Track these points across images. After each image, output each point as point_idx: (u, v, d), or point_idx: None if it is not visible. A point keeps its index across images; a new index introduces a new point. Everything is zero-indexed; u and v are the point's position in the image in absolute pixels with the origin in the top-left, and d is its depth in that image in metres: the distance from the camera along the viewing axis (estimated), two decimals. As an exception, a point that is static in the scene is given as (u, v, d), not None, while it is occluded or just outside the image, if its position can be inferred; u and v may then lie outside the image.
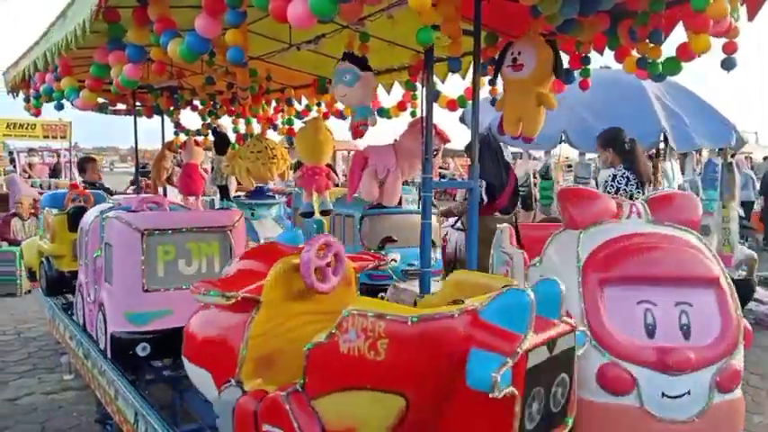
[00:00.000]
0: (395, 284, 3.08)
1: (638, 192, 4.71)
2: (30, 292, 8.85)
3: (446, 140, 3.45)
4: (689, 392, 2.24)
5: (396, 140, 3.21)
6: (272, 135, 6.08)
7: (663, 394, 2.23)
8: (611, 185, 4.83)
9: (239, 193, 5.77)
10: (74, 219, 4.69)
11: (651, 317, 2.29)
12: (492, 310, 1.79)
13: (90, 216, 4.10)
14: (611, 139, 4.99)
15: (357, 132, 2.99)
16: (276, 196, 5.76)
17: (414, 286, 2.82)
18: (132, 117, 6.17)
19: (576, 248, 2.39)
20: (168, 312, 3.26)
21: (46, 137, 15.46)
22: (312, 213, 3.57)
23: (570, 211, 2.50)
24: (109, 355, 3.56)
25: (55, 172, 15.83)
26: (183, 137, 6.38)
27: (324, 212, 3.58)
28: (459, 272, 2.59)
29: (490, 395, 1.62)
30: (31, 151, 16.36)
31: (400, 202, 3.85)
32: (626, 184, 4.75)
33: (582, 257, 2.36)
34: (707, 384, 2.27)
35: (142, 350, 3.35)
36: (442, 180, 4.61)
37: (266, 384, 2.18)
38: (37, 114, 4.61)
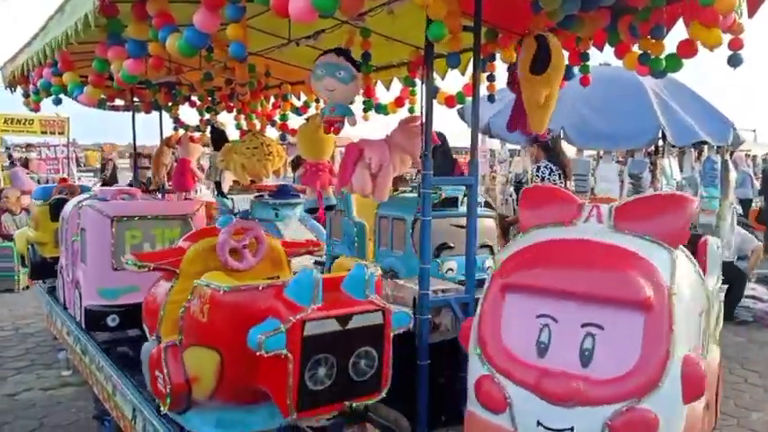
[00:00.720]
0: (396, 281, 3.07)
1: (561, 181, 5.68)
2: (28, 287, 8.85)
3: (434, 142, 3.44)
4: (572, 429, 1.84)
5: (388, 135, 3.19)
6: (271, 131, 6.08)
7: (539, 423, 1.89)
8: (536, 176, 5.82)
9: (262, 192, 5.37)
10: (55, 209, 5.13)
11: (547, 334, 1.97)
12: (290, 286, 2.28)
13: (69, 206, 4.61)
14: (537, 136, 5.38)
15: (334, 129, 2.98)
16: (300, 195, 5.32)
17: (414, 284, 2.81)
18: (130, 113, 6.17)
19: (503, 251, 2.27)
20: (135, 288, 3.66)
21: (44, 132, 15.39)
22: (317, 209, 3.57)
23: (521, 213, 2.37)
24: (84, 326, 4.09)
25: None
26: (182, 132, 6.37)
27: (328, 208, 3.57)
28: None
29: (258, 353, 2.13)
30: (29, 147, 16.32)
31: (455, 203, 3.34)
32: (549, 174, 5.75)
33: (499, 261, 2.22)
34: (597, 427, 1.81)
35: (112, 321, 3.91)
36: (442, 176, 4.58)
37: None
38: (36, 109, 4.59)
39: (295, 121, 5.91)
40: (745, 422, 4.57)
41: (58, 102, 3.95)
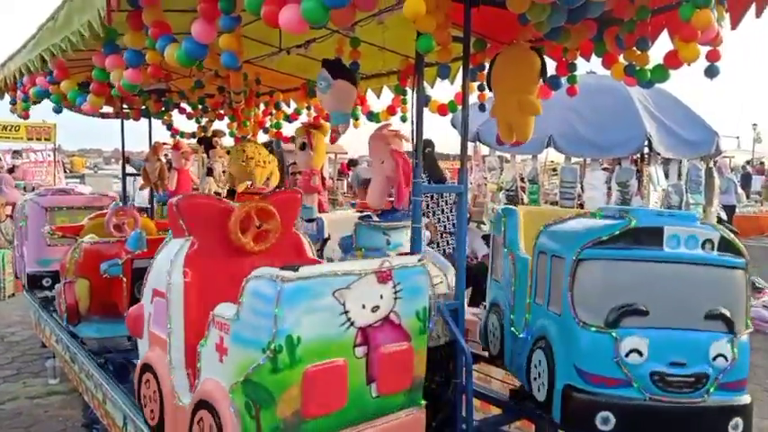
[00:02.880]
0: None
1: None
2: (13, 295, 8.77)
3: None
4: None
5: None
6: (261, 138, 6.10)
7: None
8: None
9: (368, 212, 4.05)
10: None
11: None
12: (127, 241, 3.84)
13: (20, 201, 6.61)
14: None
15: (332, 138, 3.07)
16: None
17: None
18: (119, 120, 6.15)
19: None
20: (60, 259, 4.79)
21: (30, 139, 15.30)
22: (313, 218, 3.72)
23: None
24: (26, 285, 5.68)
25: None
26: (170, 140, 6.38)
27: (309, 221, 3.71)
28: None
29: (104, 276, 3.84)
30: (15, 153, 16.21)
31: (658, 236, 2.39)
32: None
33: None
34: None
35: (46, 282, 5.38)
36: (432, 184, 4.62)
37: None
38: (25, 117, 4.60)
39: (286, 129, 5.95)
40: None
41: (59, 110, 3.96)
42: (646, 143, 7.09)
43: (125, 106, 5.94)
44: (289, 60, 4.53)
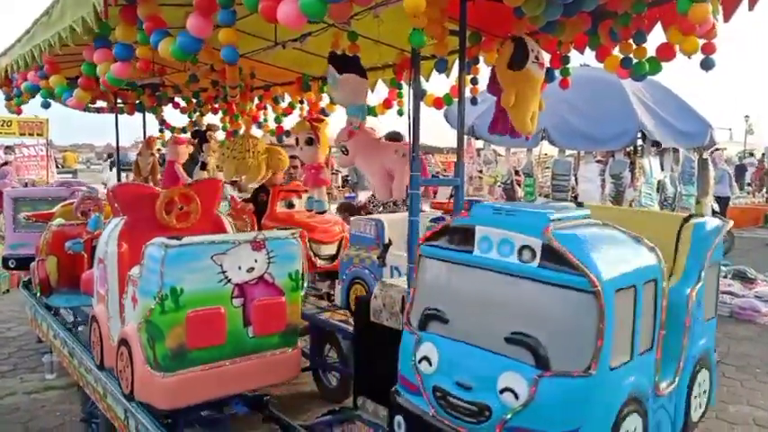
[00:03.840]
0: (383, 281, 3.11)
1: None
2: (8, 291, 8.75)
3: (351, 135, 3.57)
4: None
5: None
6: (255, 132, 6.09)
7: None
8: None
9: (441, 213, 4.29)
10: None
11: None
12: (88, 223, 4.48)
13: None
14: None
15: (350, 133, 3.09)
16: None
17: (402, 282, 2.85)
18: (113, 114, 6.14)
19: None
20: (27, 244, 5.53)
21: (22, 134, 15.21)
22: (326, 210, 3.80)
23: None
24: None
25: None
26: (167, 134, 6.37)
27: (320, 213, 3.74)
28: None
29: (68, 252, 4.45)
30: (7, 149, 16.10)
31: None
32: None
33: None
34: None
35: (11, 264, 5.93)
36: (428, 178, 4.64)
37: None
38: (19, 112, 4.59)
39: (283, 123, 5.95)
40: (724, 415, 4.69)
41: (47, 105, 3.95)
42: (639, 135, 7.12)
43: (119, 101, 5.93)
44: (284, 54, 4.53)
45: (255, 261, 2.99)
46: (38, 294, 4.96)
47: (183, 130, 6.25)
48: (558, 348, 1.79)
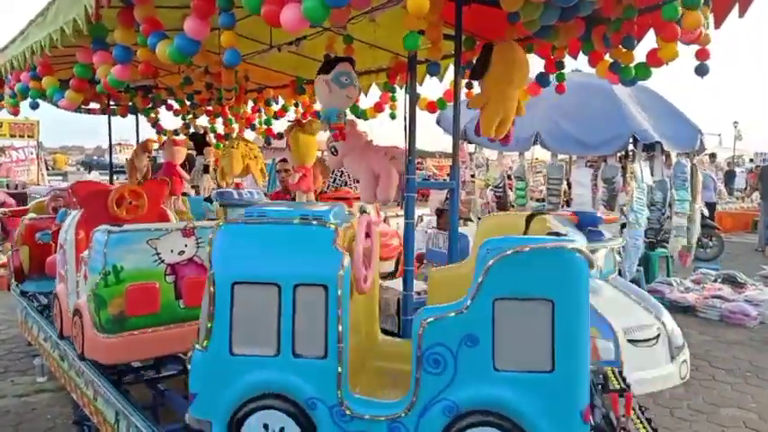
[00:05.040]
0: (381, 282, 3.12)
1: None
2: (-3, 294, 8.68)
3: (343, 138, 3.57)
4: None
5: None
6: (248, 135, 6.09)
7: None
8: None
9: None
10: None
11: None
12: (57, 216, 4.66)
13: None
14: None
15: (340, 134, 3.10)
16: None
17: (397, 284, 2.87)
18: (106, 116, 6.12)
19: None
20: None
21: (13, 136, 15.15)
22: None
23: None
24: None
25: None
26: (162, 137, 6.35)
27: None
28: None
29: (39, 243, 5.04)
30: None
31: None
32: None
33: None
34: None
35: None
36: (424, 181, 4.63)
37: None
38: (15, 113, 4.57)
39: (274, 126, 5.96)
40: (714, 417, 4.72)
41: (35, 106, 3.94)
42: (630, 140, 7.18)
43: (112, 103, 5.91)
44: (278, 57, 4.54)
45: (186, 246, 3.47)
46: (13, 282, 5.50)
47: (176, 132, 6.23)
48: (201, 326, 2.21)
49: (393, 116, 4.78)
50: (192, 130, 6.30)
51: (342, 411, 2.01)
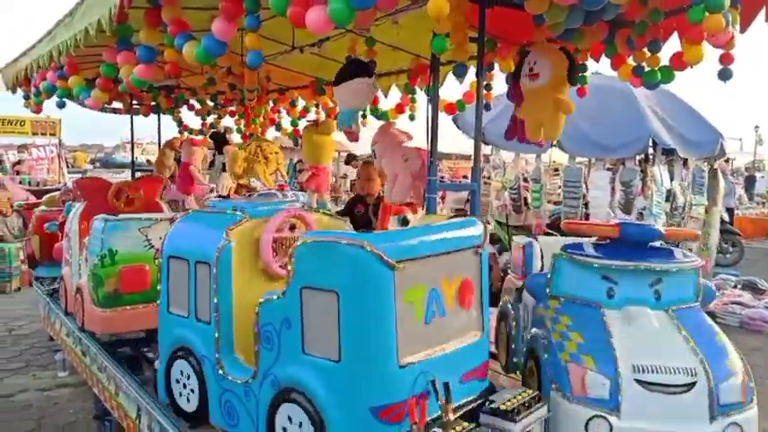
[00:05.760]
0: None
1: None
2: (19, 289, 8.83)
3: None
4: None
5: (376, 143, 3.33)
6: (268, 134, 6.14)
7: None
8: None
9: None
10: None
11: None
12: (64, 210, 5.20)
13: None
14: None
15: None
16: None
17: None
18: (129, 115, 6.20)
19: None
20: None
21: (35, 134, 15.38)
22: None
23: None
24: None
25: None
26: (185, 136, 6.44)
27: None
28: None
29: (48, 233, 5.68)
30: (20, 148, 16.24)
31: None
32: None
33: None
34: None
35: None
36: (443, 182, 4.61)
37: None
38: (38, 111, 4.67)
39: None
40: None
41: (62, 105, 4.00)
42: (650, 143, 7.12)
43: (135, 102, 5.99)
44: (298, 58, 4.57)
45: None
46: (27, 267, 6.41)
47: (201, 132, 6.30)
48: None
49: (412, 117, 4.80)
50: (213, 129, 6.36)
51: (218, 370, 2.39)
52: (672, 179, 7.41)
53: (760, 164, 31.32)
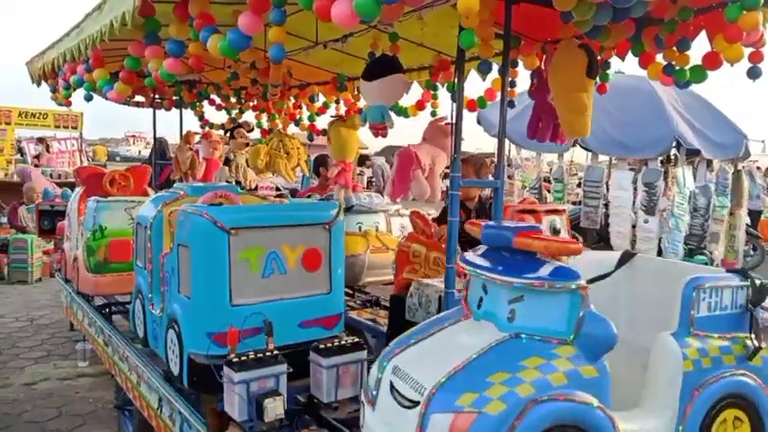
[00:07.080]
0: (419, 280, 3.12)
1: None
2: (41, 279, 8.96)
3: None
4: None
5: (425, 139, 3.28)
6: (289, 130, 6.16)
7: None
8: None
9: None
10: None
11: None
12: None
13: None
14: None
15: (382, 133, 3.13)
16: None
17: (439, 282, 2.87)
18: (152, 109, 6.26)
19: None
20: None
21: (57, 127, 15.58)
22: (353, 206, 3.87)
23: None
24: None
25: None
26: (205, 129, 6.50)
27: (348, 209, 3.70)
28: None
29: None
30: (39, 141, 16.45)
31: None
32: None
33: None
34: None
35: None
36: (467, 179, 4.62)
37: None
38: (68, 104, 4.73)
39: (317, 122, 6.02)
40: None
41: (89, 98, 4.04)
42: (674, 144, 7.04)
43: (157, 96, 6.04)
44: (320, 54, 4.58)
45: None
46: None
47: (223, 126, 6.35)
48: None
49: (434, 114, 4.78)
50: (231, 125, 6.40)
51: (149, 306, 3.20)
52: (695, 180, 7.31)
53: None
